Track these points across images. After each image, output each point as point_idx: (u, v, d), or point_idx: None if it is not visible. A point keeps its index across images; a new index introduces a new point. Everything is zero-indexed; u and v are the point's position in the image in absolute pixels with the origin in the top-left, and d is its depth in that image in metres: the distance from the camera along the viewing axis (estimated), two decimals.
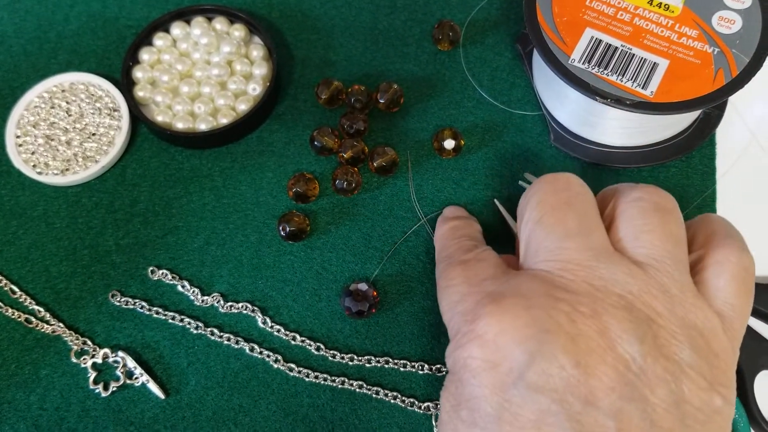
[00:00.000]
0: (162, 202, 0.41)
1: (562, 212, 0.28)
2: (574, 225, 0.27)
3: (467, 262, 0.31)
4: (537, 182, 0.30)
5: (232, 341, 0.37)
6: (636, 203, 0.28)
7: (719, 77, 0.37)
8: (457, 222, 0.36)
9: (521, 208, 0.31)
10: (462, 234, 0.35)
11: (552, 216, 0.28)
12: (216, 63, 0.43)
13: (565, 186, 0.29)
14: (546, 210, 0.28)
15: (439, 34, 0.44)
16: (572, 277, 0.26)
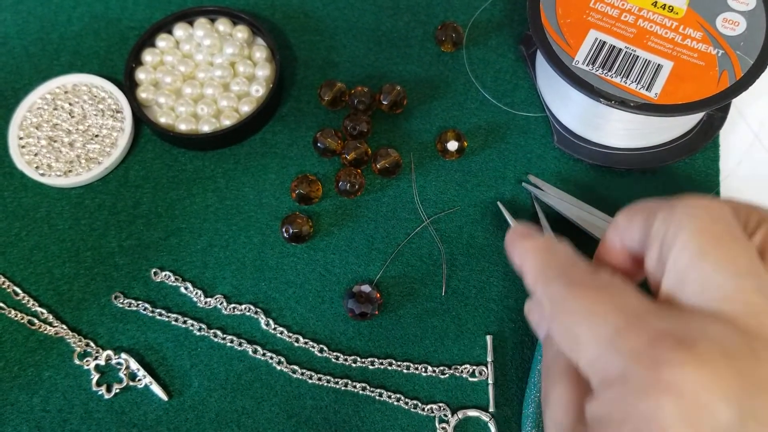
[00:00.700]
0: (165, 203, 0.41)
1: (729, 246, 0.24)
2: (746, 263, 0.24)
3: (603, 288, 0.25)
4: (678, 206, 0.26)
5: (235, 343, 0.37)
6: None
7: (723, 79, 0.37)
8: (545, 239, 0.30)
9: (642, 233, 0.27)
10: (565, 250, 0.29)
11: (718, 249, 0.24)
12: (219, 64, 0.43)
13: (721, 215, 0.25)
14: (709, 241, 0.25)
15: (442, 36, 0.44)
16: (759, 323, 0.23)
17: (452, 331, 0.37)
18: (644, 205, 0.28)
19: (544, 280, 0.28)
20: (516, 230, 0.31)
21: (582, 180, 0.41)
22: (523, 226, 0.32)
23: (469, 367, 0.36)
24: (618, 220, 0.30)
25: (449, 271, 0.39)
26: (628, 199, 0.40)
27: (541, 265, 0.28)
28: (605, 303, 0.24)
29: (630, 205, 0.29)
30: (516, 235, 0.31)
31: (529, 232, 0.31)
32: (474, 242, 0.39)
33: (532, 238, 0.30)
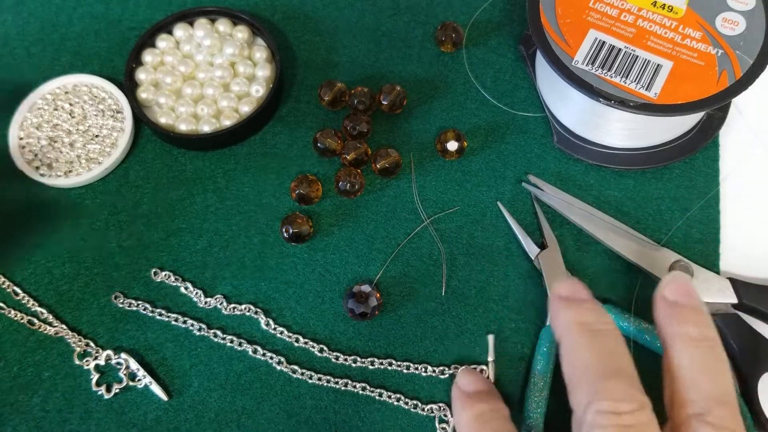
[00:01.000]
0: (165, 203, 0.41)
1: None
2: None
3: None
4: (596, 404, 0.28)
5: (235, 343, 0.37)
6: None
7: (723, 79, 0.37)
8: (482, 406, 0.33)
9: (578, 424, 0.29)
10: (494, 429, 0.32)
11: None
12: (219, 65, 0.43)
13: (631, 419, 0.27)
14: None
15: (442, 36, 0.44)
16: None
17: (452, 331, 0.37)
18: (572, 356, 0.30)
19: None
20: (460, 386, 0.34)
21: (582, 180, 0.41)
22: (466, 376, 0.34)
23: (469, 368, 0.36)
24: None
25: (449, 271, 0.39)
26: (628, 199, 0.40)
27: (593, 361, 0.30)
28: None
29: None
30: (457, 393, 0.34)
31: (469, 394, 0.33)
32: (474, 242, 0.39)
33: (468, 406, 0.33)
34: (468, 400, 0.33)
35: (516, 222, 0.39)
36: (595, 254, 0.39)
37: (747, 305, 0.37)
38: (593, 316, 0.31)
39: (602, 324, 0.31)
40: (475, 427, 0.32)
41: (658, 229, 0.39)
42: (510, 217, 0.39)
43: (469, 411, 0.32)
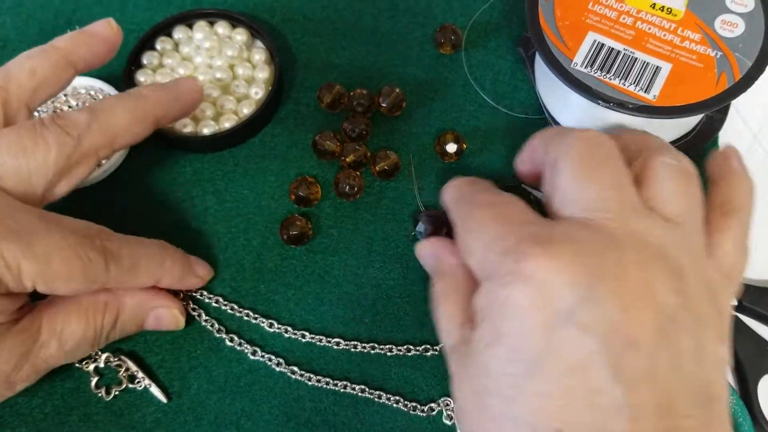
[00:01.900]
0: (163, 206, 0.41)
1: (599, 168, 0.29)
2: (611, 180, 0.28)
3: (495, 204, 0.31)
4: (566, 135, 0.30)
5: (234, 344, 0.37)
6: (667, 167, 0.30)
7: (722, 81, 0.37)
8: (469, 178, 0.35)
9: (543, 156, 0.32)
10: (477, 181, 0.34)
11: (590, 170, 0.29)
12: (218, 67, 0.43)
13: (598, 142, 0.30)
14: (583, 164, 0.29)
15: (441, 38, 0.44)
16: (616, 226, 0.27)
17: None
18: (547, 132, 0.33)
19: (452, 204, 0.33)
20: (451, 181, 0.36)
21: None
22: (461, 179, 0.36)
23: None
24: (531, 142, 0.34)
25: None
26: None
27: (453, 195, 0.34)
28: (492, 217, 0.29)
29: (542, 131, 0.34)
30: (449, 184, 0.35)
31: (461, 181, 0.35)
32: None
33: (452, 180, 0.35)
34: (456, 179, 0.35)
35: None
36: None
37: (747, 307, 0.37)
38: (471, 179, 0.35)
39: (478, 180, 0.35)
40: (461, 182, 0.34)
41: None
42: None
43: (454, 180, 0.35)
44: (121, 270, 0.34)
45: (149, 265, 0.35)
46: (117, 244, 0.34)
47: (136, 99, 0.36)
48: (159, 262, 0.36)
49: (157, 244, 0.36)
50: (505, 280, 0.27)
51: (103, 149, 0.35)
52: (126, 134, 0.35)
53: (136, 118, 0.35)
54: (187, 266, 0.37)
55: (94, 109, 0.34)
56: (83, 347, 0.34)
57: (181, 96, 0.38)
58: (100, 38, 0.37)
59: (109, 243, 0.33)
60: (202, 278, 0.38)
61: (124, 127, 0.35)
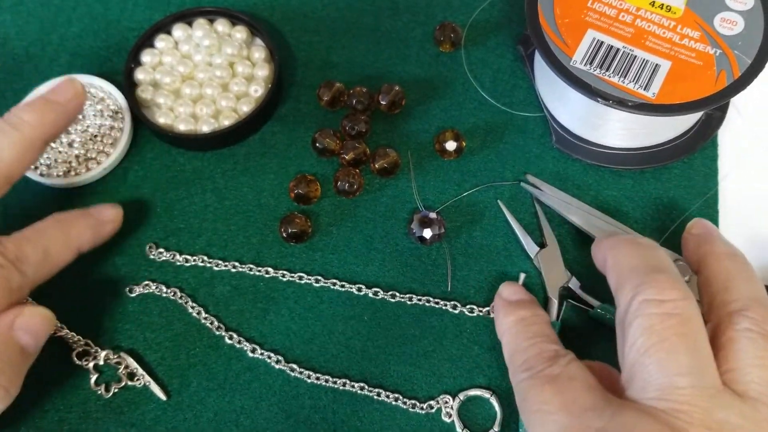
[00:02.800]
0: (164, 203, 0.41)
1: (674, 345, 0.27)
2: (687, 362, 0.27)
3: (557, 380, 0.29)
4: (639, 296, 0.28)
5: (234, 341, 0.37)
6: (747, 333, 0.28)
7: (721, 78, 0.37)
8: (524, 312, 0.34)
9: (621, 318, 0.29)
10: (536, 333, 0.32)
11: (662, 349, 0.27)
12: (218, 65, 0.43)
13: (675, 309, 0.28)
14: (655, 340, 0.27)
15: (441, 36, 0.44)
16: (689, 420, 0.26)
17: (450, 331, 0.37)
18: (619, 262, 0.31)
19: (513, 368, 0.32)
20: (502, 295, 0.35)
21: (580, 180, 0.41)
22: (509, 288, 0.36)
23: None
24: (600, 253, 0.33)
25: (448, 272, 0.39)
26: (627, 199, 0.40)
27: (510, 349, 0.33)
28: (553, 400, 0.28)
29: (607, 244, 0.33)
30: (499, 302, 0.35)
31: (511, 301, 0.35)
32: (473, 242, 0.39)
33: (510, 312, 0.34)
34: (511, 307, 0.34)
35: (516, 221, 0.39)
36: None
37: None
38: (634, 235, 0.34)
39: (644, 239, 0.33)
40: (517, 329, 0.33)
41: (656, 228, 0.39)
42: (510, 216, 0.39)
43: (512, 316, 0.34)
44: (35, 266, 0.34)
45: (57, 246, 0.35)
46: (15, 245, 0.34)
47: (20, 129, 0.35)
48: (65, 238, 0.35)
49: (52, 222, 0.36)
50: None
51: (1, 189, 0.35)
52: (19, 167, 0.35)
53: (25, 150, 0.35)
54: (93, 220, 0.37)
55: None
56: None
57: (65, 110, 0.37)
58: (66, 107, 0.37)
59: (7, 250, 0.33)
60: (114, 220, 0.38)
61: (15, 162, 0.35)
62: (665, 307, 0.28)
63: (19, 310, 0.33)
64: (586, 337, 0.37)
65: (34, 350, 0.33)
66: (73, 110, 0.38)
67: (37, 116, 0.36)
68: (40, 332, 0.34)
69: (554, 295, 0.37)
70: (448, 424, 0.36)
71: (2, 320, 0.33)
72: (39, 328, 0.33)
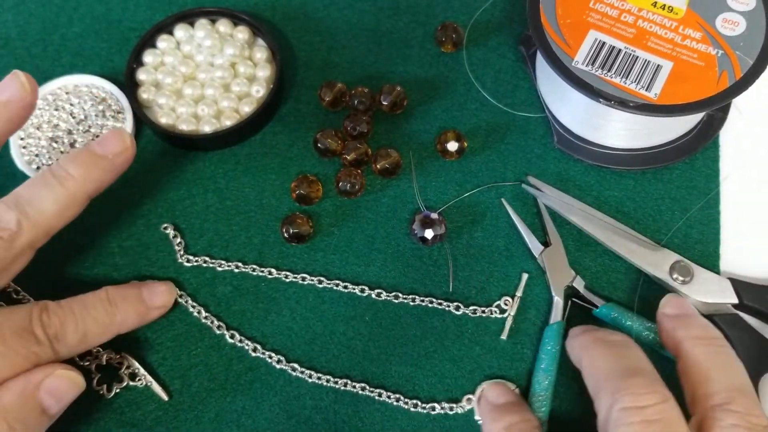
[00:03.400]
0: (165, 204, 0.41)
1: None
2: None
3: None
4: (620, 402, 0.28)
5: (235, 341, 0.37)
6: (732, 430, 0.28)
7: (723, 79, 0.37)
8: (512, 418, 0.33)
9: (603, 428, 0.29)
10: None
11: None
12: (219, 65, 0.43)
13: (655, 414, 0.28)
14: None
15: (442, 36, 0.44)
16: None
17: (452, 331, 0.37)
18: (593, 365, 0.31)
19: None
20: (487, 398, 0.35)
21: (582, 180, 0.41)
22: (493, 390, 0.35)
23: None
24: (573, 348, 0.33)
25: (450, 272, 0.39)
26: (628, 200, 0.40)
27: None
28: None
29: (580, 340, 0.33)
30: (484, 406, 0.34)
31: (498, 405, 0.34)
32: (474, 243, 0.39)
33: (498, 418, 0.33)
34: (498, 412, 0.33)
35: (520, 220, 0.39)
36: (596, 255, 0.39)
37: (748, 305, 0.37)
38: (605, 332, 0.33)
39: (615, 336, 0.32)
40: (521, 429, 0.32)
41: (658, 229, 0.39)
42: (514, 215, 0.39)
43: (500, 422, 0.33)
44: (70, 346, 0.33)
45: (97, 329, 0.34)
46: (59, 320, 0.33)
47: (64, 183, 0.34)
48: (108, 321, 0.35)
49: (101, 300, 0.35)
50: None
51: (39, 242, 0.34)
52: (59, 222, 0.34)
53: (67, 206, 0.34)
54: (141, 306, 0.36)
55: (20, 203, 0.33)
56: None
57: (112, 166, 0.36)
58: (14, 105, 0.34)
59: (50, 324, 0.33)
60: (164, 306, 0.37)
61: (55, 216, 0.34)
62: (645, 414, 0.27)
63: (50, 370, 0.32)
64: None
65: (56, 413, 0.33)
66: (120, 165, 0.36)
67: (83, 171, 0.34)
68: (66, 397, 0.33)
69: (559, 294, 0.37)
70: (449, 424, 0.35)
71: (31, 378, 0.32)
72: (65, 391, 0.33)
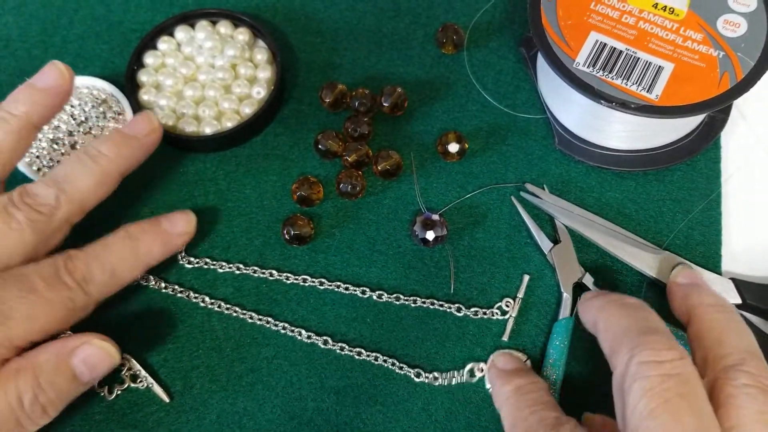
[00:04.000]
0: (166, 205, 0.41)
1: (677, 408, 0.27)
2: (691, 423, 0.27)
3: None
4: (635, 359, 0.28)
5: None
6: (746, 389, 0.28)
7: (724, 80, 0.37)
8: (521, 381, 0.33)
9: (619, 383, 0.29)
10: (535, 400, 0.32)
11: (666, 412, 0.27)
12: (220, 66, 0.43)
13: (674, 369, 0.28)
14: (658, 402, 0.27)
15: (443, 38, 0.44)
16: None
17: (453, 333, 0.37)
18: (610, 325, 0.31)
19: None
20: (496, 365, 0.35)
21: (583, 182, 0.41)
22: (502, 358, 0.35)
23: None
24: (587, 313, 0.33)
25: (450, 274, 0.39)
26: (629, 201, 0.40)
27: (510, 421, 0.32)
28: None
29: (592, 303, 0.33)
30: (494, 373, 0.35)
31: (506, 371, 0.34)
32: (475, 244, 0.39)
33: (507, 382, 0.34)
34: (507, 376, 0.34)
35: (530, 217, 0.39)
36: (597, 258, 0.39)
37: (751, 305, 0.37)
38: (620, 295, 0.33)
39: (631, 299, 0.32)
40: (516, 399, 0.33)
41: (659, 231, 0.39)
42: (524, 212, 0.39)
43: (509, 385, 0.33)
44: (101, 286, 0.34)
45: (125, 264, 0.35)
46: (84, 264, 0.34)
47: (97, 161, 0.36)
48: (134, 255, 0.36)
49: (122, 238, 0.36)
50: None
51: (75, 217, 0.35)
52: (94, 198, 0.36)
53: (101, 182, 0.36)
54: (164, 235, 0.37)
55: (58, 180, 0.35)
56: (8, 426, 0.31)
57: (141, 145, 0.38)
58: (53, 92, 0.36)
59: (76, 269, 0.34)
60: (186, 233, 0.38)
61: (90, 192, 0.35)
62: (664, 368, 0.28)
63: (87, 339, 0.33)
64: None
65: (88, 381, 0.33)
66: (150, 145, 0.38)
67: (114, 149, 0.36)
68: (99, 367, 0.33)
69: (568, 290, 0.37)
70: (450, 426, 0.35)
71: (68, 343, 0.33)
72: (99, 362, 0.33)
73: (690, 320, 0.33)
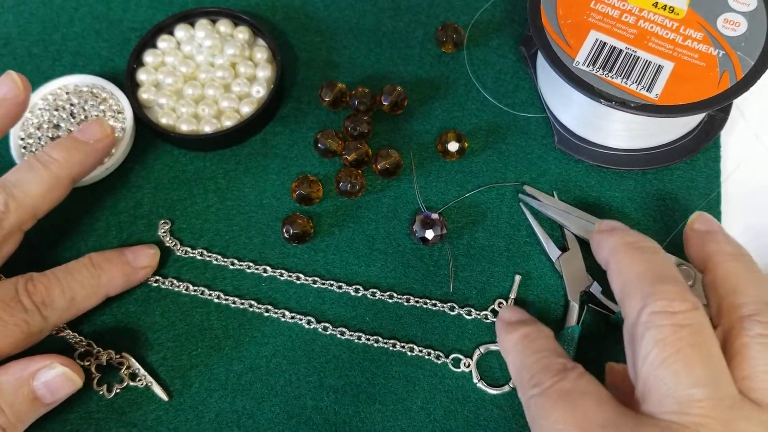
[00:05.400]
0: (165, 204, 0.41)
1: (689, 358, 0.27)
2: (703, 373, 0.26)
3: (569, 396, 0.28)
4: (651, 305, 0.28)
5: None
6: (760, 339, 0.28)
7: (724, 80, 0.37)
8: (527, 329, 0.33)
9: (631, 330, 0.29)
10: (541, 347, 0.31)
11: (677, 361, 0.27)
12: (220, 65, 0.43)
13: (686, 319, 0.27)
14: (669, 352, 0.27)
15: (443, 37, 0.44)
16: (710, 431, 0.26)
17: (453, 332, 0.37)
18: (623, 269, 0.30)
19: (521, 385, 0.31)
20: (502, 317, 0.34)
21: (582, 181, 0.41)
22: (508, 310, 0.35)
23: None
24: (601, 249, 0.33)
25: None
26: (629, 200, 0.40)
27: (516, 366, 0.32)
28: (564, 417, 0.28)
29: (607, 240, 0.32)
30: (501, 324, 0.34)
31: (512, 322, 0.34)
32: (475, 243, 0.39)
33: (513, 330, 0.33)
34: (513, 326, 0.33)
35: (538, 223, 0.39)
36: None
37: None
38: (637, 236, 0.32)
39: (646, 242, 0.32)
40: (522, 345, 0.32)
41: (659, 230, 0.39)
42: (532, 219, 0.39)
43: (515, 333, 0.33)
44: (59, 312, 0.34)
45: (85, 292, 0.35)
46: (45, 287, 0.34)
47: (48, 166, 0.36)
48: (95, 283, 0.36)
49: (85, 265, 0.36)
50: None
51: (26, 223, 0.35)
52: (45, 203, 0.36)
53: (52, 187, 0.36)
54: (127, 267, 0.37)
55: (7, 186, 0.35)
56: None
57: (92, 150, 0.38)
58: (7, 103, 0.36)
59: (36, 291, 0.33)
60: (148, 267, 0.38)
61: (41, 197, 0.35)
62: (676, 318, 0.27)
63: (48, 361, 0.33)
64: (607, 342, 0.37)
65: (49, 403, 0.33)
66: (101, 150, 0.38)
67: (65, 154, 0.36)
68: (60, 391, 0.33)
69: (575, 299, 0.37)
70: (449, 425, 0.35)
71: (29, 365, 0.33)
72: (60, 387, 0.33)
73: (706, 268, 0.32)
